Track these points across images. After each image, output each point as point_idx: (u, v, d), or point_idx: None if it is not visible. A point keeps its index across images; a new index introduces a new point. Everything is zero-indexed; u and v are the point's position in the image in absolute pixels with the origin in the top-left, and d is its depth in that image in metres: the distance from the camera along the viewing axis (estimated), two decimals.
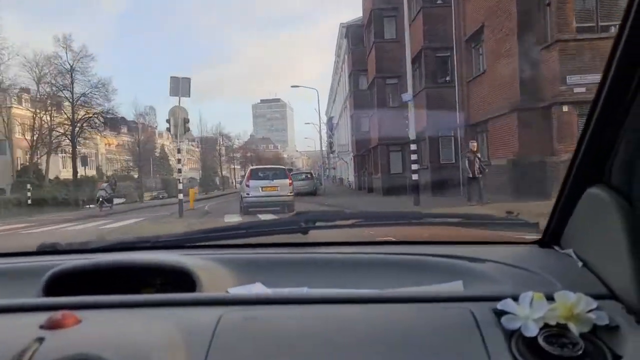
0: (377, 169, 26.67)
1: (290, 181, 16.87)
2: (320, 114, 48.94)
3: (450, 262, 1.15)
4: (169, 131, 14.97)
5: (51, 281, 1.08)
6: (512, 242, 1.36)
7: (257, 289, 1.07)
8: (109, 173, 53.47)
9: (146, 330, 0.81)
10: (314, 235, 1.40)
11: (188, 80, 14.25)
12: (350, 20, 36.49)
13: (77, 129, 36.15)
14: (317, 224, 1.43)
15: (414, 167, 14.39)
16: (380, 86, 25.25)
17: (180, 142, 14.81)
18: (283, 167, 20.59)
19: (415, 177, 14.32)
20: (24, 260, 1.34)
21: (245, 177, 17.33)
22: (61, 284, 1.08)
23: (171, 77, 14.15)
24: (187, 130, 14.61)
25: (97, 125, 37.42)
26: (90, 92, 36.41)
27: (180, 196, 14.45)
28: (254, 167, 20.89)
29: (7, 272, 1.25)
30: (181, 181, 14.60)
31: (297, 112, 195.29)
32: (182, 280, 1.06)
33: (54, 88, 36.60)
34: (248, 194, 15.79)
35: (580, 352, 0.74)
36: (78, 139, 38.14)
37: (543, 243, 1.21)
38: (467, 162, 13.42)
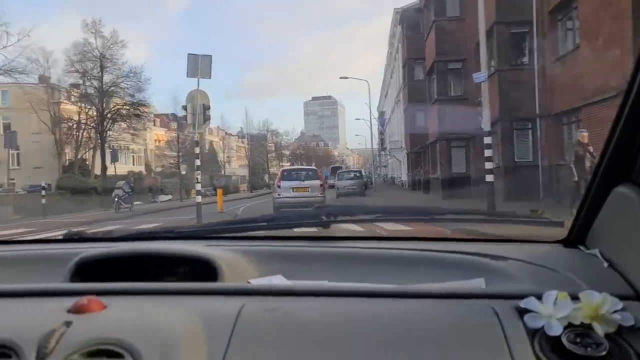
0: (435, 168, 23.51)
1: (322, 182, 16.86)
2: (371, 108, 46.06)
3: (472, 260, 1.13)
4: (185, 120, 12.51)
5: (77, 267, 1.11)
6: (536, 241, 1.32)
7: (278, 280, 1.08)
8: (158, 169, 53.46)
9: (169, 318, 0.82)
10: (335, 229, 1.41)
11: (208, 58, 11.64)
12: (405, 5, 33.31)
13: (108, 121, 34.77)
14: (339, 218, 1.41)
15: (489, 165, 11.28)
16: (441, 72, 21.97)
17: (198, 132, 12.31)
18: (315, 168, 20.51)
19: (489, 178, 11.22)
20: (51, 247, 1.39)
21: (277, 177, 17.37)
22: (86, 270, 1.11)
23: (189, 54, 11.65)
24: (207, 119, 12.03)
25: (125, 116, 35.62)
26: (123, 82, 34.76)
27: (199, 199, 11.91)
28: (286, 167, 21.41)
29: (35, 258, 1.29)
30: (199, 180, 12.07)
31: (349, 110, 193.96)
32: (205, 270, 1.07)
33: (82, 77, 35.23)
34: (279, 195, 15.81)
35: (604, 352, 0.73)
36: (123, 133, 37.05)
37: (568, 242, 1.19)
38: (574, 158, 10.03)
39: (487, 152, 11.37)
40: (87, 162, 37.58)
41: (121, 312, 0.83)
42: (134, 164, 49.07)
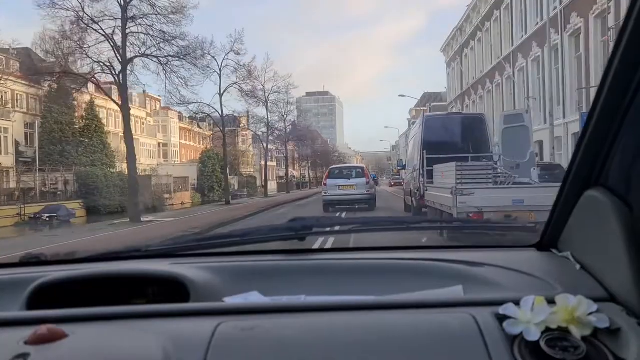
0: None
1: (368, 179, 17.18)
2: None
3: (449, 267, 1.14)
4: None
5: (35, 294, 1.04)
6: (510, 246, 1.36)
7: (254, 298, 1.05)
8: None
9: (138, 344, 0.79)
10: (311, 242, 1.39)
11: None
12: None
13: None
14: (314, 230, 1.41)
15: None
16: None
17: None
18: (362, 165, 20.62)
19: None
20: (6, 272, 1.27)
21: (324, 176, 18.47)
22: (46, 297, 1.03)
23: None
24: None
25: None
26: None
27: None
28: (333, 166, 21.50)
29: None
30: None
31: (347, 108, 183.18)
32: (175, 290, 1.04)
33: None
34: (326, 193, 16.80)
35: (582, 355, 0.74)
36: None
37: (541, 246, 1.22)
38: None
39: None
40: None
41: (85, 340, 0.79)
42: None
